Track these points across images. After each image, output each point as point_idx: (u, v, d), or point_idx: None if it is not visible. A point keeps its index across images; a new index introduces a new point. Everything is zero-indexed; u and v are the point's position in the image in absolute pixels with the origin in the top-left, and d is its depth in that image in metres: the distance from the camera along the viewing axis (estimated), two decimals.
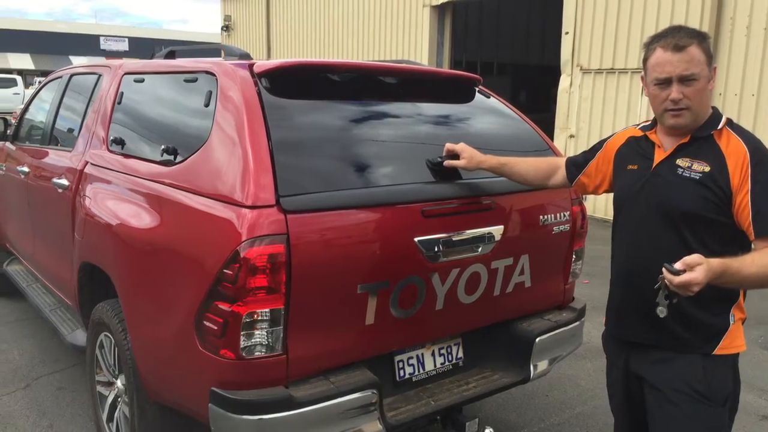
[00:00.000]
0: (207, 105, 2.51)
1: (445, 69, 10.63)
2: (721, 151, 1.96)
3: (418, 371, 2.67)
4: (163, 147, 2.61)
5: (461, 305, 2.64)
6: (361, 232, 2.31)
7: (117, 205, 2.84)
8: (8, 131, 4.97)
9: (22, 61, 41.74)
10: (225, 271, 2.11)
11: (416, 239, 2.40)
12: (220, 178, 2.27)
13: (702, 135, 1.99)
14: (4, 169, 4.79)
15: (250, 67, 2.49)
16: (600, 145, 2.36)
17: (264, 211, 2.12)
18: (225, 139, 2.33)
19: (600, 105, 9.23)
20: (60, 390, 3.88)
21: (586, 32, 9.31)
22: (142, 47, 38.29)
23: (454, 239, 2.51)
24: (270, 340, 2.15)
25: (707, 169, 1.94)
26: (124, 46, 44.41)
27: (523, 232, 2.79)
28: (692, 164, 1.97)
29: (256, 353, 2.15)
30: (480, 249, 2.60)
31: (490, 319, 2.83)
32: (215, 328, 2.16)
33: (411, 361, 2.66)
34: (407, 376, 2.63)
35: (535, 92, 16.03)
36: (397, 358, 2.61)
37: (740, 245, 1.94)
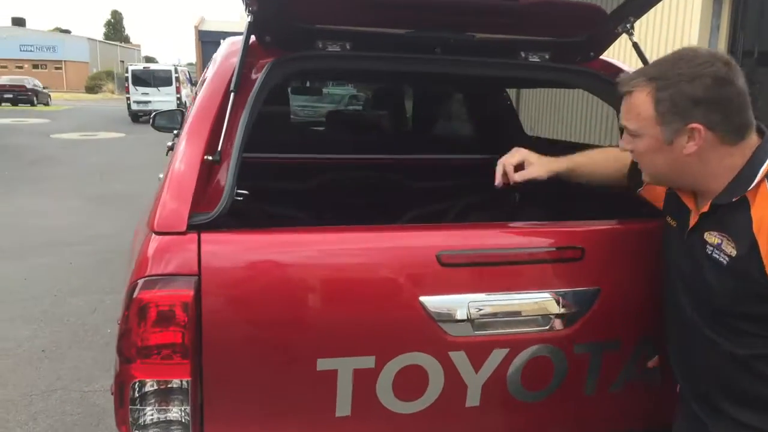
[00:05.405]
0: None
1: None
2: (752, 222, 1.32)
3: None
4: (168, 144, 2.15)
5: (517, 404, 1.70)
6: (323, 282, 1.54)
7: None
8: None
9: None
10: (125, 315, 1.54)
11: (421, 299, 1.55)
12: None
13: (723, 202, 1.38)
14: None
15: None
16: None
17: (171, 240, 1.49)
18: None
19: None
20: None
21: None
22: None
23: (498, 304, 1.59)
24: (175, 426, 1.52)
25: (734, 252, 1.34)
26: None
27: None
28: (722, 241, 1.37)
29: None
30: (551, 323, 1.63)
31: None
32: (113, 392, 1.60)
33: None
34: None
35: None
36: None
37: None
